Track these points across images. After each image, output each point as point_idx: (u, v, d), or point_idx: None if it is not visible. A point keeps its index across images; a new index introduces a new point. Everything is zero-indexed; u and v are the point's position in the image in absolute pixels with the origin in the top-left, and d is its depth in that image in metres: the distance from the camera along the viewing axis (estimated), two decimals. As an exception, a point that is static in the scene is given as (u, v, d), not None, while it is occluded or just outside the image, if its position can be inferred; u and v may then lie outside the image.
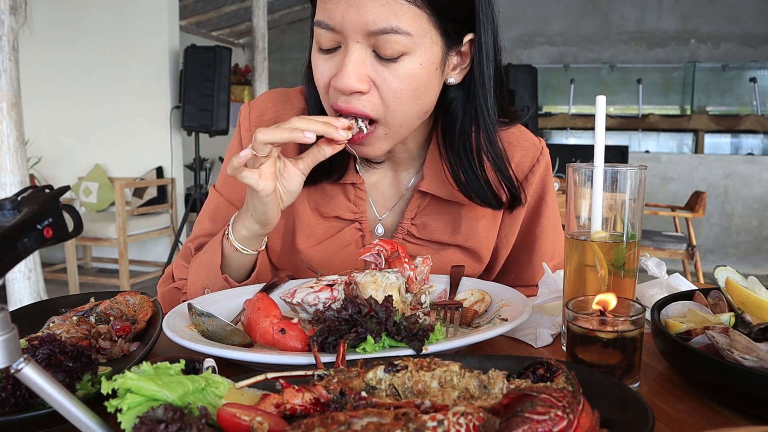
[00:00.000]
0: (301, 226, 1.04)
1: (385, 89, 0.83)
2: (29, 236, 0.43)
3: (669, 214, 4.56)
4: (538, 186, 1.09)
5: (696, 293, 0.79)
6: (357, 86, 0.81)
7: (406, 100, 0.84)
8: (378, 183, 1.07)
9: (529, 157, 1.06)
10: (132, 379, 0.46)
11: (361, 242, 1.05)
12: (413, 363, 0.55)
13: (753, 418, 0.59)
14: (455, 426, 0.42)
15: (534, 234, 1.11)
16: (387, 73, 0.82)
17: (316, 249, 1.05)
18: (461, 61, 0.91)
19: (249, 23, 6.42)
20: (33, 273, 3.26)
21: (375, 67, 0.82)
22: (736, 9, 6.85)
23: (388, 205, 1.07)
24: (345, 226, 1.05)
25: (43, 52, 5.31)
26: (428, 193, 1.03)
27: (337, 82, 0.82)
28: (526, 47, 7.38)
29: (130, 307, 0.85)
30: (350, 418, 0.44)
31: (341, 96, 0.84)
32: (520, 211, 1.08)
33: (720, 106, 7.08)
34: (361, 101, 0.83)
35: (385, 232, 1.07)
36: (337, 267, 1.04)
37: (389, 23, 0.79)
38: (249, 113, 1.08)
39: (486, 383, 0.54)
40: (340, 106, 0.84)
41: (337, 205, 1.04)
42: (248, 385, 0.54)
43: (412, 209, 1.04)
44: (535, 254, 1.11)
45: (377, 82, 0.83)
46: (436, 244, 1.05)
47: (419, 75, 0.83)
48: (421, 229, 1.05)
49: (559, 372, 0.55)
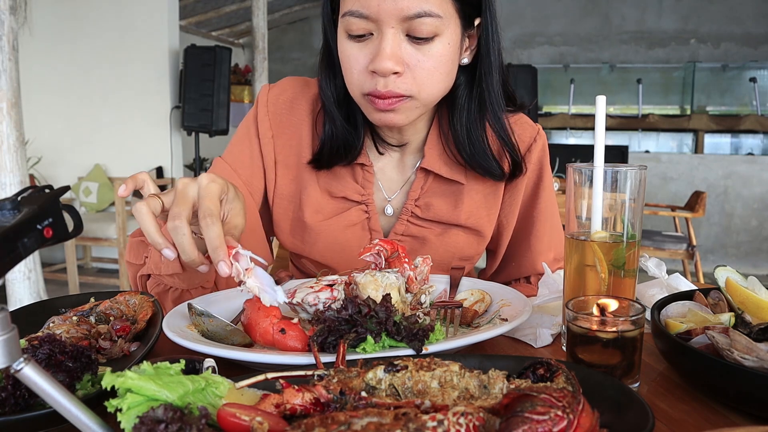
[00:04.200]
0: (309, 201, 1.08)
1: (418, 69, 0.90)
2: (29, 236, 0.43)
3: (669, 214, 4.56)
4: (535, 165, 1.12)
5: (696, 293, 0.79)
6: (395, 67, 0.88)
7: (437, 77, 0.92)
8: (385, 168, 1.11)
9: (527, 134, 1.11)
10: (132, 378, 0.46)
11: (366, 224, 1.09)
12: (413, 363, 0.55)
13: (753, 418, 0.59)
14: (455, 426, 0.42)
15: (532, 217, 1.14)
16: (420, 54, 0.89)
17: (324, 224, 1.08)
18: (470, 44, 0.99)
19: (249, 23, 6.42)
20: (33, 273, 3.26)
21: (408, 50, 0.89)
22: (736, 9, 6.85)
23: (394, 188, 1.11)
24: (352, 206, 1.09)
25: (43, 52, 5.31)
26: (430, 171, 1.07)
27: (377, 65, 0.87)
28: (526, 47, 7.37)
29: (130, 307, 0.85)
30: (350, 418, 0.44)
31: (380, 80, 0.89)
32: (520, 186, 1.11)
33: (720, 106, 7.08)
34: (396, 83, 0.89)
35: (393, 213, 1.11)
36: (343, 244, 1.08)
37: (422, 8, 0.86)
38: (268, 91, 1.11)
39: (486, 383, 0.54)
40: (380, 91, 0.89)
41: (345, 185, 1.08)
42: (248, 385, 0.54)
43: (416, 190, 1.09)
44: (533, 237, 1.13)
45: (411, 63, 0.89)
46: (440, 224, 1.09)
47: (448, 54, 0.91)
48: (424, 209, 1.08)
49: (559, 372, 0.55)
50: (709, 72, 7.00)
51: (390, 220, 1.11)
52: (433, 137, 1.07)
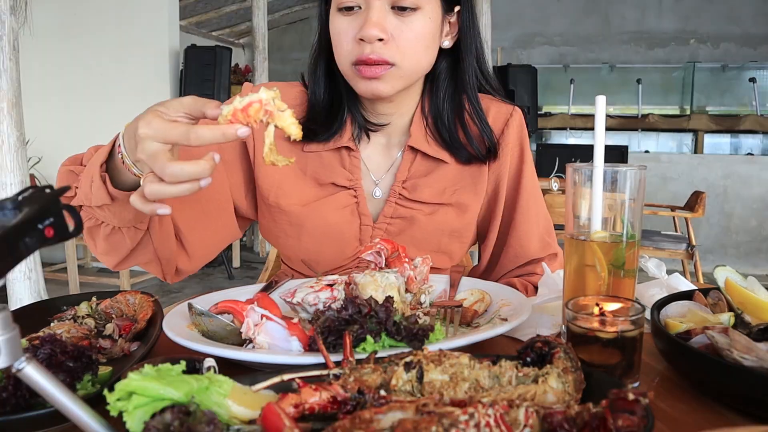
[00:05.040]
0: (291, 191, 1.10)
1: (401, 39, 0.99)
2: (30, 236, 0.43)
3: (668, 214, 4.56)
4: (515, 143, 1.16)
5: (695, 293, 0.79)
6: (380, 34, 0.97)
7: (418, 48, 1.01)
8: (372, 153, 1.15)
9: (502, 114, 1.16)
10: (135, 380, 0.46)
11: (356, 209, 1.11)
12: (424, 356, 0.56)
13: (753, 418, 0.59)
14: (485, 417, 0.43)
15: (518, 196, 1.16)
16: (403, 26, 0.99)
17: (308, 208, 1.10)
18: (451, 30, 1.09)
19: (249, 23, 6.41)
20: (33, 273, 3.25)
21: (392, 21, 0.98)
22: (736, 9, 6.84)
23: (381, 171, 1.15)
24: (339, 191, 1.11)
25: (44, 52, 5.31)
26: (417, 151, 1.12)
27: (364, 32, 0.96)
28: (526, 47, 7.37)
29: (130, 307, 0.85)
30: (375, 415, 0.44)
31: (366, 46, 0.97)
32: (504, 167, 1.14)
33: (719, 106, 7.08)
34: (382, 49, 0.98)
35: (381, 195, 1.13)
36: (332, 228, 1.09)
37: None
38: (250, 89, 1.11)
39: (498, 374, 0.55)
40: (368, 56, 0.97)
41: (332, 171, 1.11)
42: (265, 387, 0.53)
43: (403, 171, 1.12)
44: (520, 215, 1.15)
45: (395, 33, 0.99)
46: (428, 205, 1.12)
47: (429, 28, 1.01)
48: (411, 190, 1.12)
49: (558, 348, 0.57)
50: (709, 72, 7.00)
51: (378, 203, 1.13)
52: (418, 119, 1.13)
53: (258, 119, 0.68)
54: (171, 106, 0.72)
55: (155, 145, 0.69)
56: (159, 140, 0.69)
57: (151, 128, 0.69)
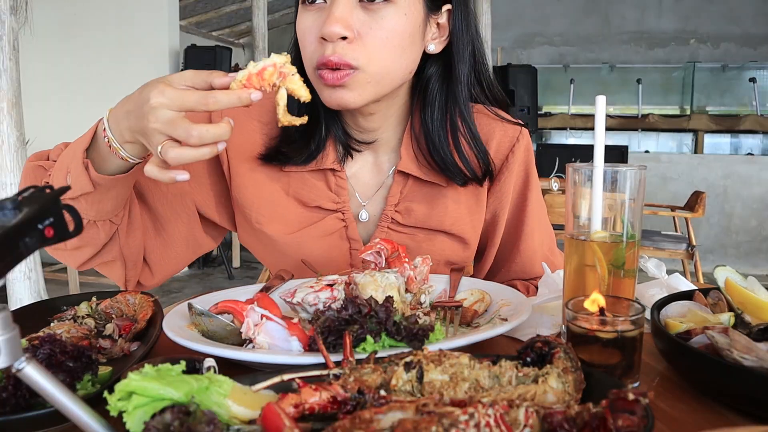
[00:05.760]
0: (273, 215, 1.03)
1: (369, 38, 0.85)
2: (30, 236, 0.43)
3: (668, 214, 4.55)
4: (521, 167, 1.07)
5: (695, 293, 0.79)
6: (343, 31, 0.83)
7: (390, 50, 0.87)
8: (359, 173, 1.06)
9: (508, 137, 1.06)
10: (135, 380, 0.46)
11: (345, 233, 1.04)
12: (424, 356, 0.56)
13: (753, 418, 0.59)
14: (485, 417, 0.43)
15: (522, 221, 1.09)
16: (372, 22, 0.85)
17: (294, 237, 1.02)
18: (440, 33, 0.96)
19: (249, 23, 6.41)
20: (33, 273, 3.25)
21: (360, 17, 0.85)
22: (736, 9, 6.85)
23: (370, 193, 1.06)
24: (326, 215, 1.04)
25: (44, 52, 5.31)
26: (408, 175, 1.03)
27: (325, 28, 0.84)
28: (526, 47, 7.37)
29: (130, 307, 0.85)
30: (375, 415, 0.44)
31: (328, 46, 0.85)
32: (507, 190, 1.06)
33: (719, 106, 7.09)
34: (345, 49, 0.85)
35: (369, 218, 1.05)
36: (320, 255, 1.03)
37: None
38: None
39: (498, 374, 0.55)
40: (329, 58, 0.85)
41: (317, 194, 1.02)
42: (265, 387, 0.53)
43: (394, 194, 1.04)
44: (523, 243, 1.09)
45: (362, 32, 0.85)
46: (423, 230, 1.04)
47: (403, 26, 0.87)
48: (405, 215, 1.03)
49: (558, 348, 0.57)
50: (709, 72, 7.00)
51: (367, 227, 1.06)
52: (408, 138, 1.02)
53: (271, 83, 0.71)
54: (174, 80, 0.73)
55: (170, 113, 0.70)
56: (175, 108, 0.70)
57: (166, 96, 0.70)
